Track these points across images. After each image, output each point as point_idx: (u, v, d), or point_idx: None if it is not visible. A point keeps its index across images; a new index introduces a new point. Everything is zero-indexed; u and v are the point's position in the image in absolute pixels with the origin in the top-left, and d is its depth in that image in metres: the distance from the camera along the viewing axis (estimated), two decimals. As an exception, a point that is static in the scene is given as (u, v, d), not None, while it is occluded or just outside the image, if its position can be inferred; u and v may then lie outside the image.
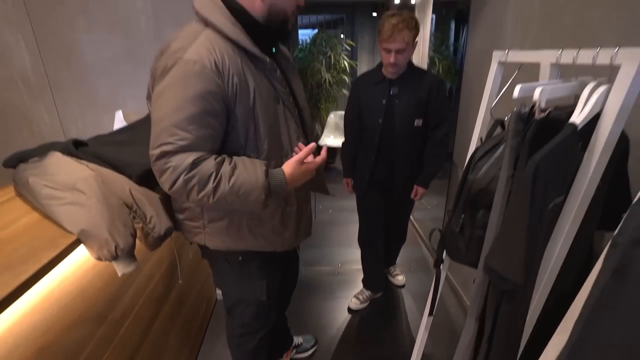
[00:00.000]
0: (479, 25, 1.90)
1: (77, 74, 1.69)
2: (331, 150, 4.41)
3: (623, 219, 0.49)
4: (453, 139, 2.18)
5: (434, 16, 3.03)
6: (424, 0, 2.75)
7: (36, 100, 1.72)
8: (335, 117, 4.42)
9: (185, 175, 0.80)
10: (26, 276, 0.68)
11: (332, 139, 4.35)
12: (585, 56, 0.71)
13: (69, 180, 0.93)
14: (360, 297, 2.12)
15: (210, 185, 0.82)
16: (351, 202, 1.94)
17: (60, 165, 0.99)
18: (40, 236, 0.84)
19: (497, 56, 1.02)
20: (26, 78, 1.67)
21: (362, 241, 2.07)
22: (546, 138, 0.68)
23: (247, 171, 0.86)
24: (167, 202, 1.11)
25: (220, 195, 0.84)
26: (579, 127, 0.66)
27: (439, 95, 1.61)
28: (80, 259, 0.91)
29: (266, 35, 0.95)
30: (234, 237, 1.02)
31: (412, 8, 3.16)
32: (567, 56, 0.76)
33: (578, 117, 0.67)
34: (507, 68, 1.02)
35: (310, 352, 1.77)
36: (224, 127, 0.87)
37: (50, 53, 1.64)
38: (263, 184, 0.86)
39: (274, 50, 1.03)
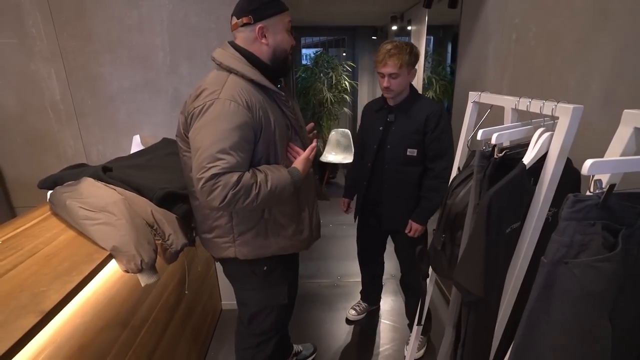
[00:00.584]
0: (465, 56, 2.07)
1: (100, 102, 1.86)
2: (332, 166, 4.57)
3: (547, 246, 0.63)
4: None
5: (431, 38, 3.22)
6: (419, 26, 2.95)
7: (63, 126, 1.89)
8: (337, 135, 4.59)
9: (232, 190, 0.98)
10: (72, 285, 0.82)
11: (334, 155, 4.51)
12: (535, 105, 0.86)
13: (101, 203, 1.09)
14: (358, 308, 2.23)
15: (254, 192, 1.01)
16: (350, 217, 2.06)
17: (92, 189, 1.15)
18: (79, 252, 0.98)
19: (472, 97, 1.17)
20: (55, 106, 1.85)
21: (359, 259, 2.16)
22: (503, 173, 0.82)
23: (276, 174, 1.07)
24: (182, 222, 1.27)
25: (262, 198, 1.03)
26: (528, 166, 0.81)
27: (437, 126, 1.57)
28: (110, 271, 1.05)
29: (274, 72, 1.16)
30: (261, 244, 1.19)
31: (408, 33, 3.36)
32: (523, 104, 0.91)
33: (527, 157, 0.81)
34: (481, 107, 1.18)
35: (309, 359, 1.89)
36: (252, 150, 1.07)
37: (78, 84, 1.82)
38: (291, 180, 1.09)
39: (279, 84, 1.22)
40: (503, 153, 0.85)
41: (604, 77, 1.07)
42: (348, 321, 2.21)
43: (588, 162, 0.57)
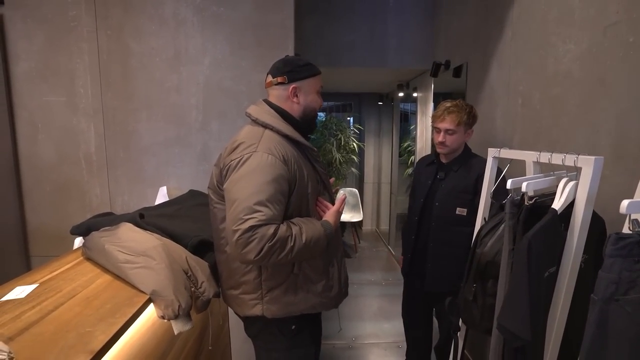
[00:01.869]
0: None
1: (132, 155, 1.98)
2: (341, 224, 4.58)
3: (596, 283, 0.66)
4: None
5: (436, 103, 3.48)
6: (426, 93, 3.21)
7: (93, 177, 1.98)
8: (345, 194, 4.69)
9: (269, 243, 0.97)
10: (117, 327, 0.82)
11: (343, 214, 4.56)
12: (556, 158, 0.95)
13: (141, 247, 1.11)
14: None
15: (289, 245, 1.00)
16: (365, 275, 2.00)
17: (131, 234, 1.18)
18: (118, 294, 0.99)
19: (491, 152, 1.27)
20: (89, 157, 1.96)
21: (403, 322, 2.01)
22: (535, 220, 0.88)
23: (310, 227, 1.07)
24: (213, 270, 1.27)
25: (297, 251, 1.01)
26: (559, 211, 0.86)
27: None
28: (141, 320, 1.04)
29: (303, 129, 1.22)
30: (291, 301, 1.15)
31: (414, 100, 3.64)
32: (544, 157, 1.00)
33: (557, 204, 0.87)
34: (500, 161, 1.27)
35: None
36: (286, 203, 1.08)
37: (114, 138, 1.95)
38: (324, 233, 1.10)
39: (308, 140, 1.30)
40: (533, 200, 0.91)
41: (611, 135, 1.18)
42: None
43: (625, 202, 0.63)
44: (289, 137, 1.14)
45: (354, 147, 4.69)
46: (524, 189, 0.91)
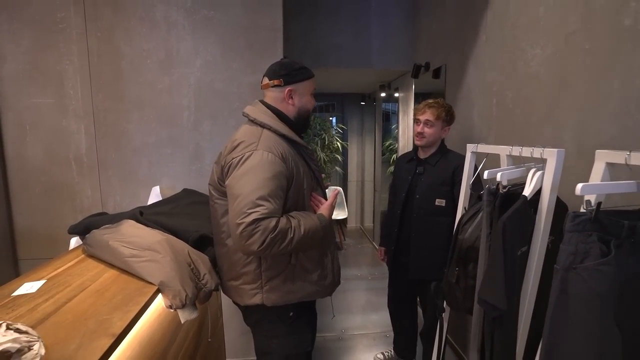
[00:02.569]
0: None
1: (123, 155, 1.99)
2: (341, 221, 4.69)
3: (558, 255, 0.77)
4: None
5: (417, 102, 3.62)
6: (407, 93, 3.35)
7: (84, 178, 1.99)
8: (330, 192, 4.79)
9: (271, 234, 1.04)
10: (133, 314, 0.88)
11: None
12: (526, 152, 1.07)
13: (145, 242, 1.16)
14: (386, 354, 2.20)
15: (289, 236, 1.08)
16: (352, 271, 2.10)
17: (135, 230, 1.23)
18: (127, 287, 1.04)
19: (470, 148, 1.39)
20: (79, 159, 1.97)
21: (389, 310, 2.15)
22: (508, 206, 0.99)
23: (308, 220, 1.15)
24: (213, 264, 1.33)
25: (296, 241, 1.09)
26: (529, 197, 0.98)
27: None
28: (149, 311, 1.09)
29: (297, 129, 1.30)
30: (289, 290, 1.22)
31: (396, 100, 3.78)
32: (515, 151, 1.12)
33: (527, 191, 0.99)
34: (478, 156, 1.39)
35: None
36: (285, 197, 1.15)
37: (105, 139, 1.96)
38: (320, 225, 1.18)
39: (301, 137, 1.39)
40: (507, 188, 1.03)
41: (573, 130, 1.32)
42: None
43: (579, 185, 0.75)
44: (286, 137, 1.22)
45: (337, 146, 4.80)
46: (498, 178, 1.03)
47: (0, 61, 1.84)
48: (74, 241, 1.56)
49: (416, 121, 1.81)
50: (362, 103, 5.19)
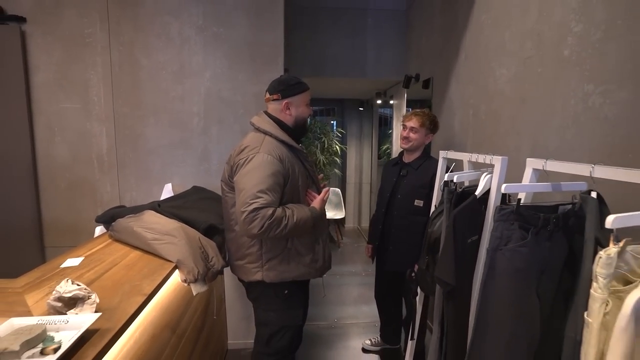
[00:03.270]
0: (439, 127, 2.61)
1: (140, 155, 2.23)
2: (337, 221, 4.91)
3: (489, 239, 1.00)
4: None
5: (409, 109, 3.86)
6: (400, 101, 3.58)
7: (104, 175, 2.23)
8: (329, 193, 5.01)
9: (268, 221, 1.28)
10: (158, 282, 1.11)
11: (326, 212, 4.88)
12: (481, 158, 1.30)
13: (164, 228, 1.40)
14: (373, 340, 2.43)
15: (284, 223, 1.32)
16: (347, 268, 2.30)
17: (155, 219, 1.47)
18: (150, 264, 1.27)
19: (441, 154, 1.62)
20: (100, 158, 2.21)
21: (376, 300, 2.38)
22: (463, 202, 1.22)
23: (300, 211, 1.39)
24: (220, 249, 1.57)
25: (289, 228, 1.33)
26: (478, 196, 1.21)
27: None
28: (166, 286, 1.32)
29: (295, 135, 1.55)
30: (285, 270, 1.47)
31: (391, 106, 4.01)
32: (474, 157, 1.35)
33: (478, 191, 1.22)
34: (450, 161, 1.62)
35: None
36: (282, 192, 1.39)
37: (123, 141, 2.20)
38: (311, 215, 1.42)
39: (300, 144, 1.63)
40: (462, 189, 1.25)
41: (530, 141, 1.55)
42: (364, 350, 2.40)
43: (503, 186, 0.97)
44: (284, 142, 1.47)
45: (336, 149, 5.03)
46: (455, 179, 1.25)
47: (34, 70, 2.09)
48: (98, 229, 1.80)
49: (403, 126, 2.04)
50: (360, 109, 5.42)
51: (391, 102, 3.93)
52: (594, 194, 0.88)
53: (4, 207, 2.13)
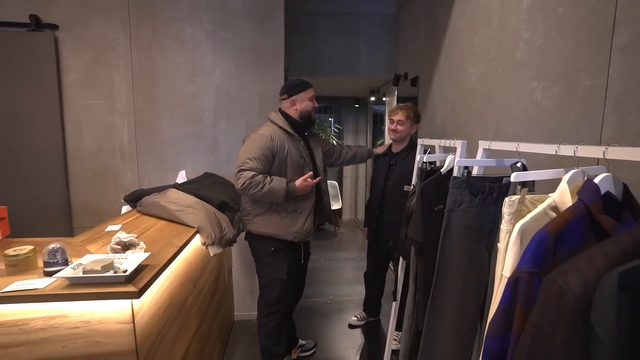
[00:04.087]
0: (423, 120, 2.89)
1: (156, 146, 2.51)
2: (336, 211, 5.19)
3: (446, 203, 1.28)
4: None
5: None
6: (391, 98, 3.86)
7: (125, 163, 2.51)
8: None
9: (249, 180, 1.64)
10: (184, 240, 1.39)
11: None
12: (447, 143, 1.58)
13: (186, 202, 1.68)
14: (358, 315, 2.71)
15: (260, 186, 1.65)
16: (343, 254, 2.57)
17: (178, 195, 1.75)
18: (176, 229, 1.56)
19: (419, 141, 1.90)
20: (122, 148, 2.49)
21: (366, 276, 2.67)
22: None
23: (276, 182, 1.71)
24: (231, 221, 1.86)
25: (264, 191, 1.67)
26: (443, 173, 1.49)
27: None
28: (189, 247, 1.61)
29: (303, 125, 1.88)
30: (267, 225, 1.80)
31: (383, 102, 4.29)
32: (442, 143, 1.63)
33: (443, 170, 1.50)
34: (428, 147, 1.90)
35: (311, 352, 2.32)
36: (271, 164, 1.74)
37: (142, 133, 2.49)
38: (285, 188, 1.72)
39: (306, 133, 1.94)
40: (431, 167, 1.54)
41: (494, 130, 1.83)
42: (350, 326, 2.68)
43: (455, 160, 1.25)
44: (283, 129, 1.81)
45: (334, 144, 5.32)
46: (424, 160, 1.53)
47: (64, 71, 2.37)
48: (124, 208, 2.08)
49: (390, 120, 2.31)
50: (356, 105, 5.70)
51: (384, 99, 4.21)
52: (519, 164, 1.16)
53: (38, 192, 2.41)
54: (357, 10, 3.45)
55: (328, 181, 5.49)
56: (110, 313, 0.98)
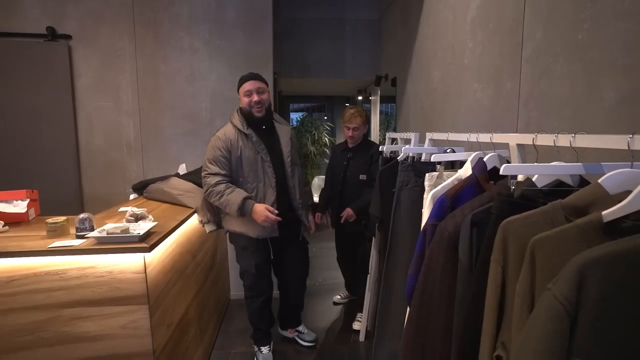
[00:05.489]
0: (400, 117, 3.19)
1: (159, 142, 2.81)
2: (314, 204, 5.49)
3: (397, 183, 1.57)
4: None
5: (389, 105, 4.43)
6: (376, 98, 4.16)
7: (131, 158, 2.81)
8: (319, 180, 5.60)
9: (211, 188, 1.80)
10: (184, 216, 1.69)
11: (316, 197, 5.47)
12: (406, 136, 1.88)
13: (186, 187, 1.99)
14: (341, 294, 3.01)
15: (218, 196, 1.79)
16: (329, 244, 2.78)
17: (179, 182, 2.05)
18: (178, 209, 1.86)
19: (388, 135, 2.19)
20: (129, 144, 2.79)
21: (338, 262, 2.96)
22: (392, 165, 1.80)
23: (234, 196, 1.81)
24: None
25: (221, 201, 1.80)
26: (399, 160, 1.79)
27: (378, 158, 2.24)
28: (189, 223, 1.90)
29: (251, 122, 1.96)
30: (235, 223, 1.92)
31: (369, 101, 4.58)
32: (402, 135, 1.93)
33: (399, 157, 1.80)
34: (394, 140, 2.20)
35: (308, 344, 2.37)
36: (230, 163, 1.88)
37: (146, 130, 2.78)
38: (239, 204, 1.79)
39: (263, 127, 1.98)
40: (390, 156, 1.83)
41: (451, 125, 2.12)
42: (334, 303, 2.98)
43: (403, 148, 1.55)
44: (235, 127, 1.94)
45: (326, 141, 5.62)
46: (387, 150, 1.83)
47: (77, 76, 2.67)
48: (132, 196, 2.38)
49: (347, 127, 2.54)
50: (346, 104, 6.00)
51: (370, 98, 4.51)
52: (449, 150, 1.46)
53: (54, 183, 2.71)
54: (342, 17, 3.75)
55: (321, 176, 5.81)
56: (128, 265, 1.27)
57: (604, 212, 0.61)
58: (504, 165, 0.83)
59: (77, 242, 1.26)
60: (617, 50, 1.01)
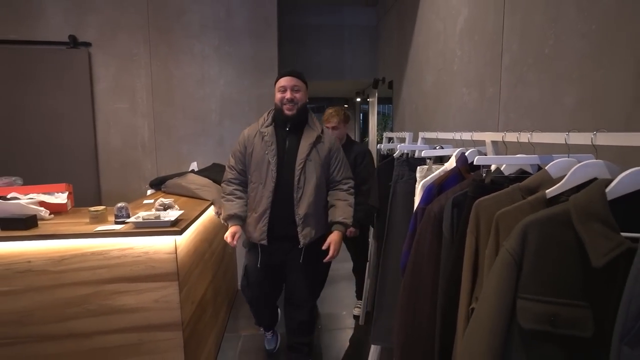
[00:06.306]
0: (396, 117, 3.40)
1: (172, 142, 3.01)
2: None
3: (392, 176, 1.78)
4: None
5: (386, 106, 4.64)
6: (373, 100, 4.37)
7: (146, 157, 3.00)
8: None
9: (224, 183, 1.87)
10: (204, 207, 1.89)
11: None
12: (403, 135, 2.09)
13: (202, 182, 2.19)
14: (359, 305, 2.89)
15: (224, 195, 1.85)
16: None
17: (195, 178, 2.25)
18: (196, 202, 2.06)
19: (385, 134, 2.40)
20: (143, 144, 2.99)
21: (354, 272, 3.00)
22: (388, 162, 2.01)
23: (228, 206, 1.81)
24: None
25: (222, 201, 1.87)
26: (395, 157, 2.00)
27: (364, 159, 2.35)
28: (206, 214, 2.10)
29: (281, 119, 1.98)
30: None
31: (367, 103, 4.79)
32: (398, 135, 2.14)
33: (395, 154, 2.01)
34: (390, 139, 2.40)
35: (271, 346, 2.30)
36: (243, 159, 1.84)
37: (160, 130, 2.98)
38: (225, 216, 1.80)
39: (287, 127, 1.83)
40: (389, 154, 2.04)
41: (442, 126, 2.33)
42: (355, 316, 3.16)
43: (398, 145, 1.76)
44: (259, 124, 1.87)
45: (326, 141, 5.82)
46: (384, 148, 2.04)
47: (96, 80, 2.86)
48: (149, 192, 2.58)
49: (326, 127, 2.48)
50: (345, 106, 6.21)
51: (368, 99, 4.72)
52: (438, 147, 1.67)
53: (73, 181, 2.88)
54: (341, 23, 3.96)
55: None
56: (161, 246, 1.47)
57: (547, 191, 0.83)
58: (477, 157, 1.04)
59: (117, 227, 1.45)
60: (574, 63, 1.22)
